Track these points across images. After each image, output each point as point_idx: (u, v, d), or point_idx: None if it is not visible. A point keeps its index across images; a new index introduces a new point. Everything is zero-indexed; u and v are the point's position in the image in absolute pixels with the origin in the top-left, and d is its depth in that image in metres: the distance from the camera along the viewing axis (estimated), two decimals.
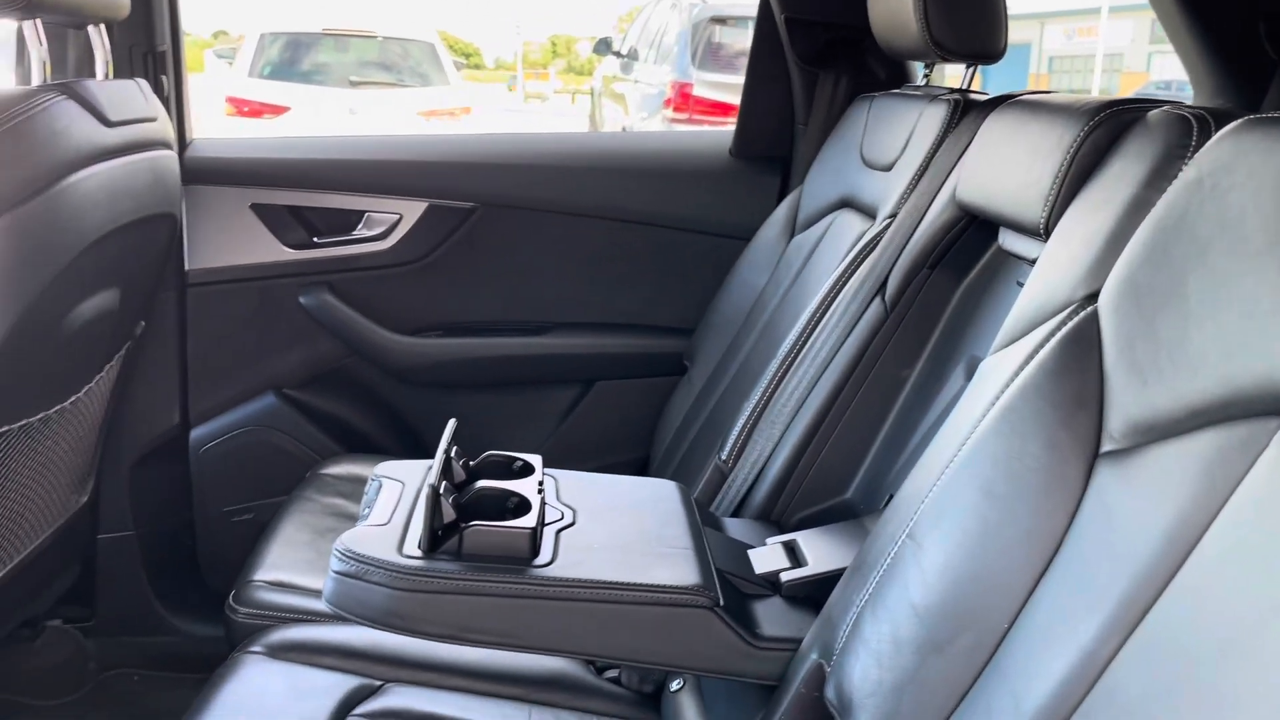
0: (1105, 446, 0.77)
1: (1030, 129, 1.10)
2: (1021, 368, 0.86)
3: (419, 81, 9.07)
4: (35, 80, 1.44)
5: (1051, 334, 0.84)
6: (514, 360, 2.02)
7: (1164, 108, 0.90)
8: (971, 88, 1.46)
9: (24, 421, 1.40)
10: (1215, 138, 0.76)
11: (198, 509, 2.00)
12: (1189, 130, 0.85)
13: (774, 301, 1.69)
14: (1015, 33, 1.43)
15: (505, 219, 1.98)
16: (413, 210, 1.96)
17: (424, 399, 2.04)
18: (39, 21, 1.42)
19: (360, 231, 1.98)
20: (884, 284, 1.29)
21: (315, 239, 1.97)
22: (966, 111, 1.35)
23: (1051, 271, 0.91)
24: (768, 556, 1.16)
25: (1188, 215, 0.76)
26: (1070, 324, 0.83)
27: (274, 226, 1.95)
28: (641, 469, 1.94)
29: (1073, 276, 0.87)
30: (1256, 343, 0.67)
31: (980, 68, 1.47)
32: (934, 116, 1.39)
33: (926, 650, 0.81)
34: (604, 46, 10.62)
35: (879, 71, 1.84)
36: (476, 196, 1.96)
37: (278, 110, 8.20)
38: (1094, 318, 0.82)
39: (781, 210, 1.84)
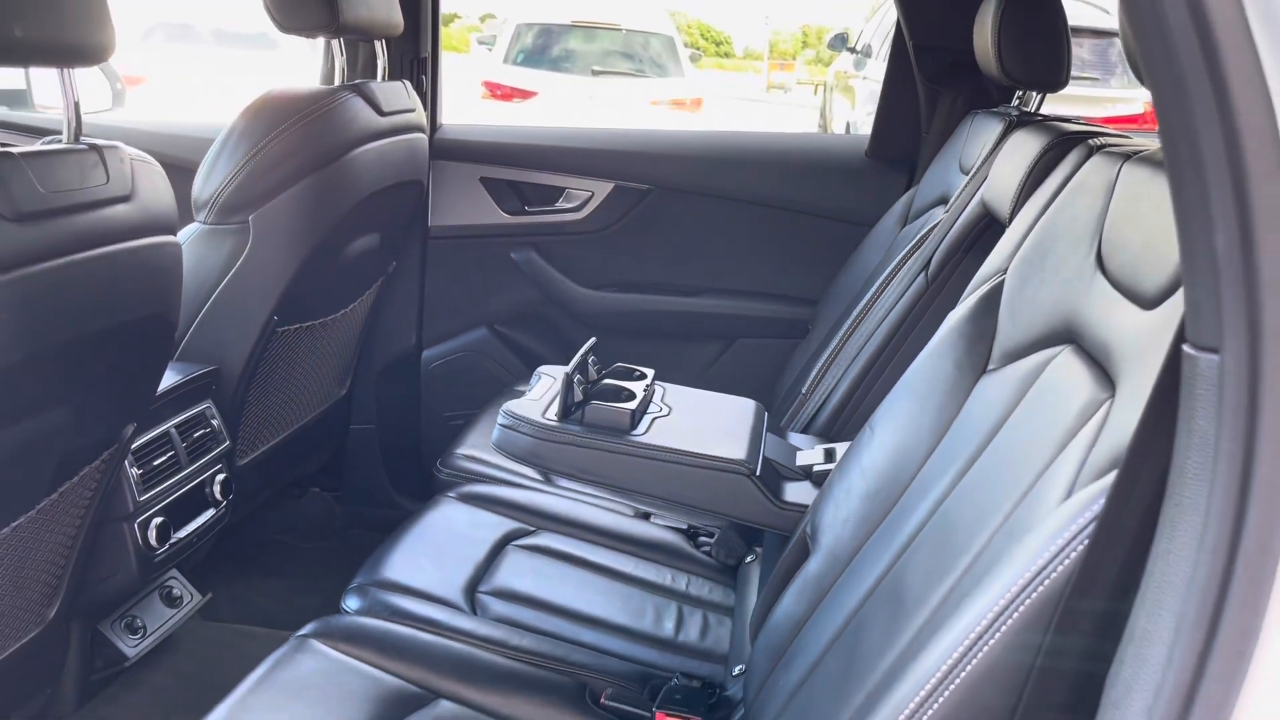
0: (989, 368, 1.14)
1: (1024, 146, 1.44)
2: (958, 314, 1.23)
3: (656, 72, 9.64)
4: (336, 81, 2.03)
5: (977, 291, 1.21)
6: (671, 315, 2.48)
7: (1087, 141, 1.24)
8: (1030, 109, 1.78)
9: (310, 322, 1.99)
10: (1082, 164, 1.11)
11: (424, 412, 2.58)
12: (1084, 155, 1.19)
13: (879, 279, 2.06)
14: None
15: (673, 199, 2.43)
16: (602, 189, 2.45)
17: (599, 342, 2.53)
18: (341, 39, 2.00)
19: (561, 204, 2.49)
20: (929, 263, 1.65)
21: (526, 208, 2.50)
22: (1014, 128, 1.68)
23: (999, 250, 1.27)
24: (809, 455, 1.56)
25: (1058, 215, 1.12)
26: (988, 284, 1.20)
27: (496, 196, 2.49)
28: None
29: (1003, 255, 1.23)
30: (1064, 296, 1.03)
31: None
32: (993, 130, 1.73)
33: (864, 497, 1.20)
34: (839, 42, 10.83)
35: (992, 91, 2.15)
36: (652, 180, 2.43)
37: (526, 95, 8.99)
38: (1002, 282, 1.18)
39: (899, 204, 2.19)
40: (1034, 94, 1.80)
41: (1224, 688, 0.54)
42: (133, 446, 1.59)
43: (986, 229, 1.59)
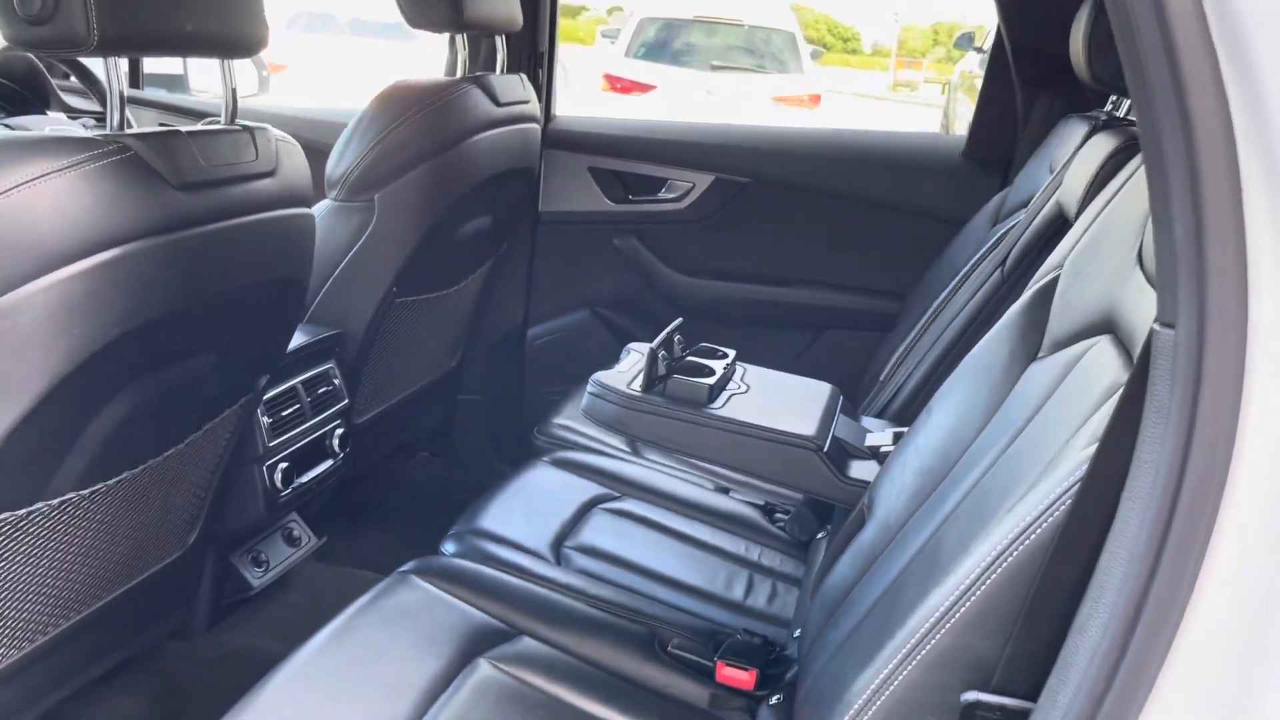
0: (1039, 356, 1.21)
1: (1098, 148, 1.50)
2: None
3: (776, 68, 9.68)
4: (459, 73, 2.19)
5: (1037, 284, 1.29)
6: (764, 304, 2.58)
7: None
8: (1120, 114, 1.82)
9: (425, 295, 2.16)
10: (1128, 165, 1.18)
11: (526, 386, 2.74)
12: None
13: (960, 274, 2.12)
14: None
15: (771, 193, 2.53)
16: (703, 180, 2.57)
17: (693, 327, 2.64)
18: (465, 34, 2.16)
19: (663, 194, 2.61)
20: (1005, 260, 1.72)
21: (630, 197, 2.63)
22: (1097, 131, 1.73)
23: (1061, 247, 1.34)
24: (878, 437, 1.65)
25: (1111, 214, 1.19)
26: (1046, 279, 1.27)
27: (602, 185, 2.63)
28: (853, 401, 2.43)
29: (1062, 251, 1.30)
30: (1107, 289, 1.10)
31: None
32: (1079, 133, 1.78)
33: (917, 472, 1.29)
34: (965, 41, 10.65)
35: (1088, 95, 2.19)
36: (751, 173, 2.53)
37: (645, 89, 9.15)
38: (1058, 277, 1.25)
39: (991, 204, 2.24)
40: (1126, 99, 1.83)
41: (1164, 609, 0.63)
42: (265, 397, 1.78)
43: (1061, 228, 1.65)
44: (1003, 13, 2.26)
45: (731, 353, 1.74)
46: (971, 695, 0.77)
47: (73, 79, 2.54)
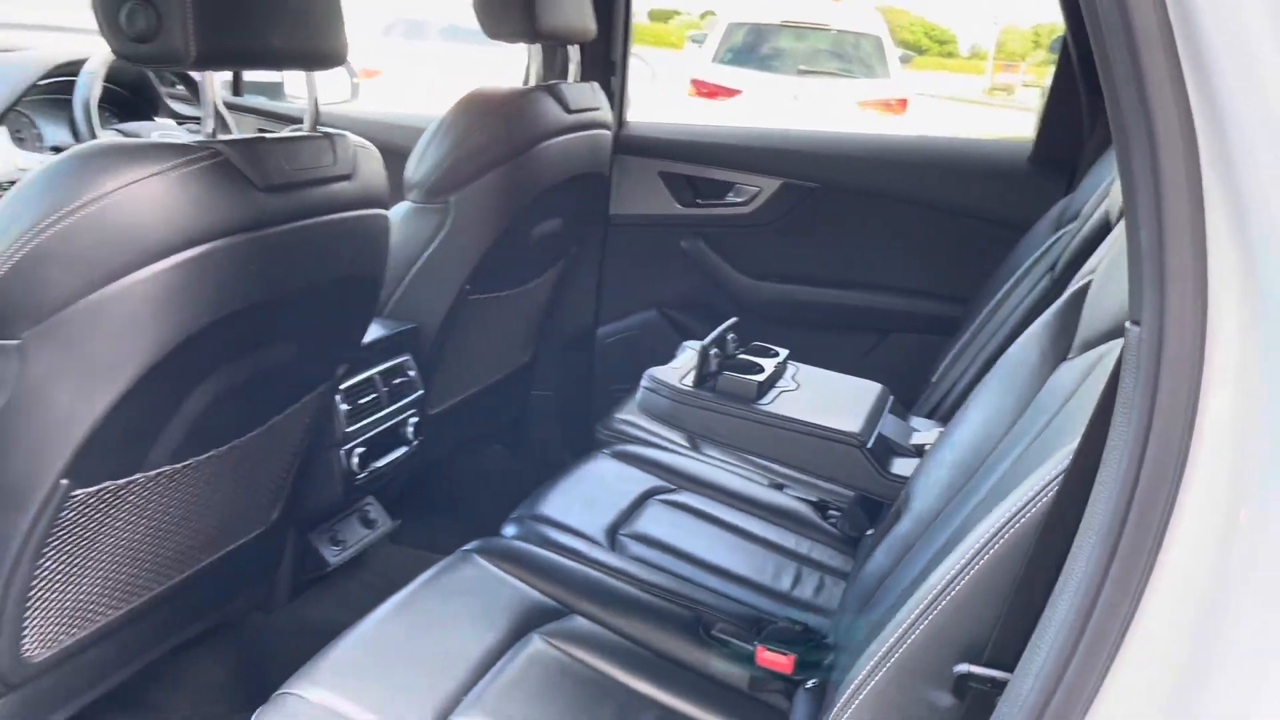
0: (1069, 356, 1.25)
1: None
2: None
3: (864, 73, 9.63)
4: (533, 81, 2.29)
5: (1073, 287, 1.32)
6: (828, 307, 2.62)
7: None
8: None
9: (497, 293, 2.26)
10: None
11: (596, 384, 2.84)
12: None
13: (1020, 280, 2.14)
14: None
15: (838, 197, 2.57)
16: (770, 185, 2.63)
17: (758, 329, 2.70)
18: (539, 45, 2.26)
19: (730, 198, 2.68)
20: (1055, 263, 1.74)
21: (698, 200, 2.70)
22: None
23: (1099, 250, 1.37)
24: (924, 435, 1.69)
25: None
26: (1081, 281, 1.31)
27: (672, 188, 2.71)
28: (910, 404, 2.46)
29: (1099, 255, 1.33)
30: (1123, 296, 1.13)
31: None
32: None
33: (950, 466, 1.34)
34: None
35: None
36: (818, 178, 2.58)
37: (730, 93, 9.19)
38: (1092, 280, 1.29)
39: (1055, 208, 2.26)
40: None
41: (1123, 584, 0.68)
42: (343, 386, 1.90)
43: (1105, 234, 1.67)
44: (1069, 18, 2.27)
45: (784, 352, 1.80)
46: (963, 667, 0.83)
47: (179, 86, 2.72)
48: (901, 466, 1.61)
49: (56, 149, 2.34)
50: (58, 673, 1.48)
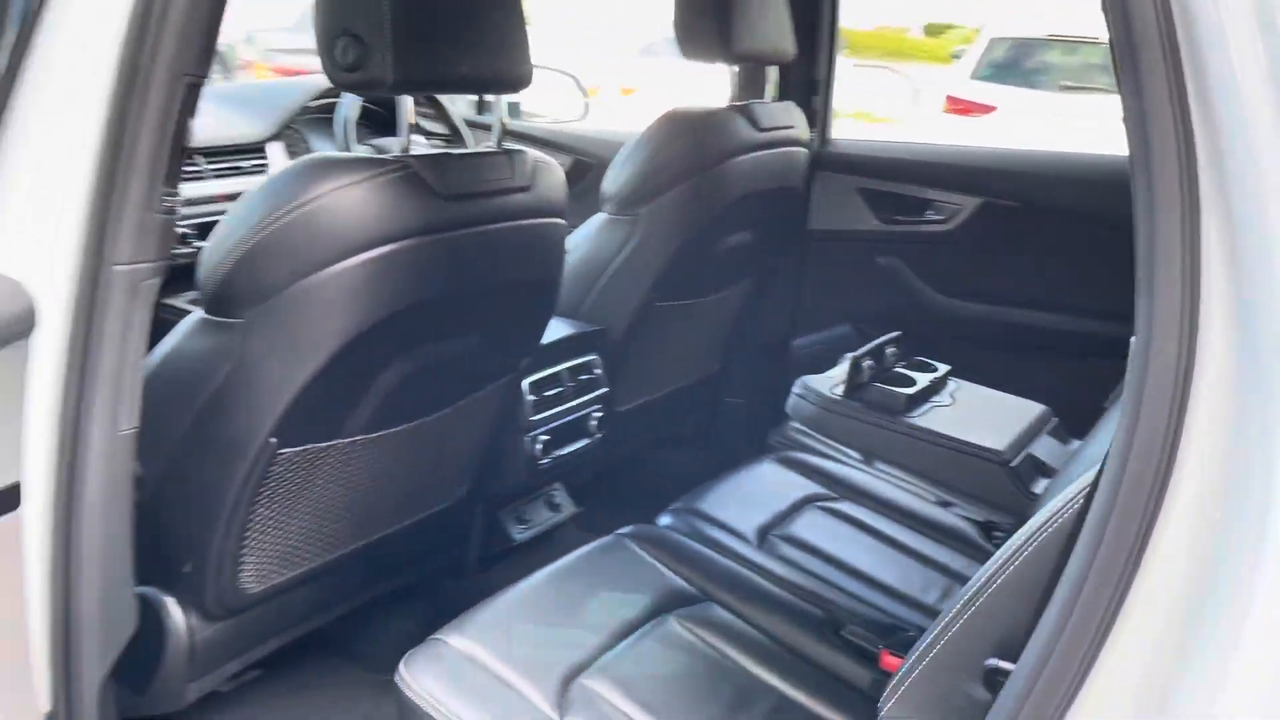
0: None
1: None
2: None
3: None
4: (733, 100, 2.41)
5: None
6: (1024, 328, 2.57)
7: None
8: None
9: (683, 301, 2.39)
10: None
11: (785, 394, 2.90)
12: None
13: None
14: None
15: (1040, 217, 2.52)
16: (969, 203, 2.61)
17: (947, 346, 2.68)
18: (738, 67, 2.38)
19: (929, 215, 2.68)
20: None
21: (897, 217, 2.72)
22: None
23: None
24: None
25: None
26: None
27: (871, 205, 2.74)
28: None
29: None
30: None
31: None
32: None
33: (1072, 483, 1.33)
34: None
35: None
36: (1020, 197, 2.54)
37: (985, 110, 8.88)
38: None
39: None
40: None
41: (1107, 576, 0.71)
42: (532, 378, 2.09)
43: None
44: None
45: (944, 368, 1.82)
46: (991, 662, 0.87)
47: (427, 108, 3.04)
48: (1051, 491, 1.60)
49: None
50: (270, 605, 1.74)
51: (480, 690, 1.38)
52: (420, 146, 2.76)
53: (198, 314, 1.50)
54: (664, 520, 1.88)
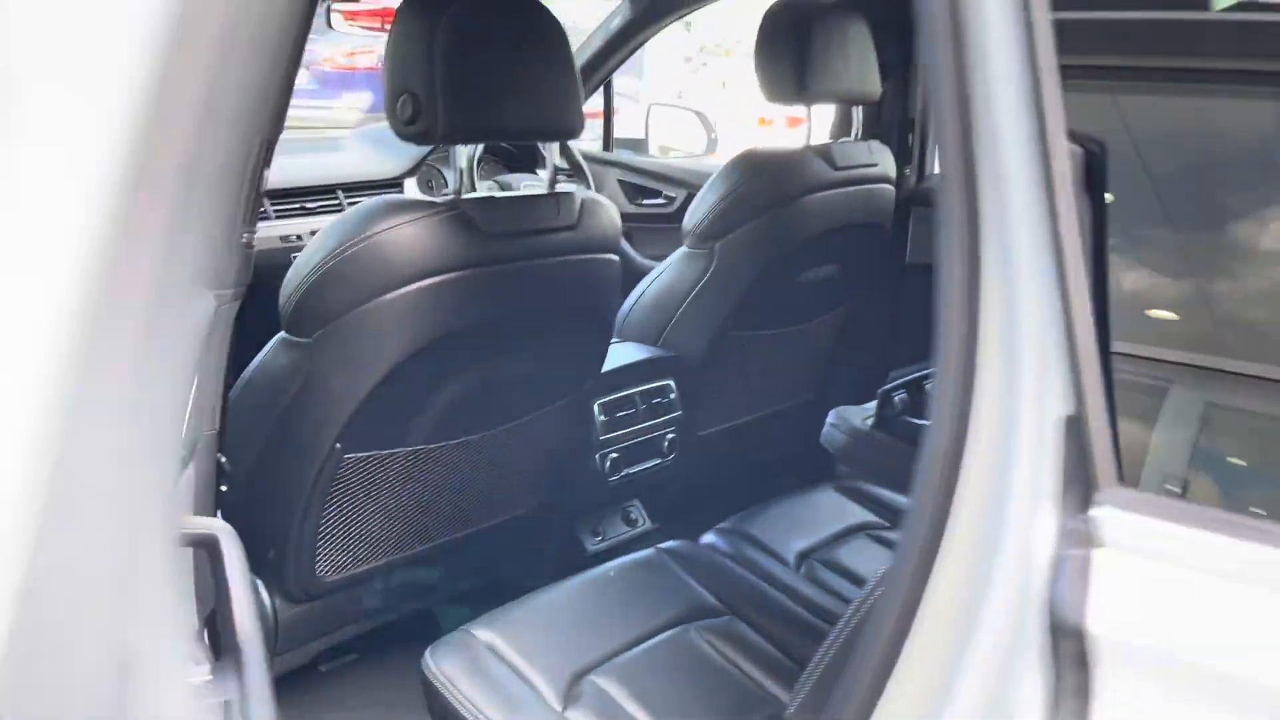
0: None
1: None
2: None
3: None
4: (813, 141, 2.50)
5: None
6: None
7: None
8: None
9: (760, 332, 2.49)
10: None
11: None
12: None
13: None
14: None
15: None
16: None
17: None
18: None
19: None
20: None
21: None
22: None
23: None
24: None
25: None
26: None
27: None
28: None
29: None
30: None
31: None
32: None
33: None
34: None
35: None
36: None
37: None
38: None
39: None
40: None
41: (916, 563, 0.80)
42: (603, 400, 2.24)
43: None
44: None
45: None
46: None
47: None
48: None
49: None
50: (347, 593, 1.95)
51: (494, 678, 1.53)
52: (536, 184, 2.96)
53: (281, 334, 1.73)
54: (707, 539, 1.98)
